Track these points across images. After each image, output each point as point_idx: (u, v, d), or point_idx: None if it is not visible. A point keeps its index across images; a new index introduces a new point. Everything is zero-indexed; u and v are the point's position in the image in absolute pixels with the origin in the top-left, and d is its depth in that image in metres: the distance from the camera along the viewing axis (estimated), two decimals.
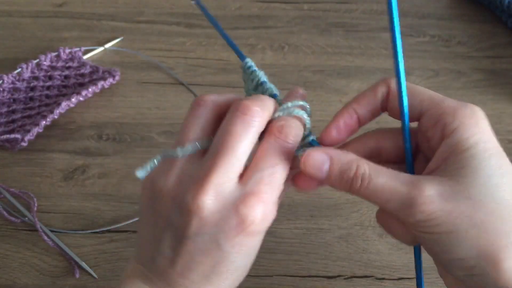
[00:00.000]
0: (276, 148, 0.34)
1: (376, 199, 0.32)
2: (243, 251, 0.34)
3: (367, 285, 0.52)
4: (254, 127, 0.34)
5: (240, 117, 0.33)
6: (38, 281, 0.51)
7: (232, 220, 0.32)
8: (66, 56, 0.73)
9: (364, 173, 0.32)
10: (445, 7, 0.88)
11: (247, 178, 0.33)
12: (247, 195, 0.33)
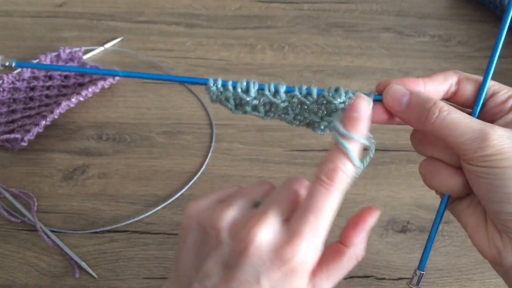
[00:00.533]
0: (323, 194, 0.34)
1: (450, 131, 0.35)
2: None
3: (367, 285, 0.52)
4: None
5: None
6: (38, 281, 0.51)
7: (274, 257, 0.33)
8: (66, 56, 0.73)
9: (442, 106, 0.36)
10: (445, 7, 0.88)
11: (293, 219, 0.34)
12: (292, 235, 0.33)
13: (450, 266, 0.53)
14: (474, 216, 0.38)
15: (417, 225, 0.57)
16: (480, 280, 0.52)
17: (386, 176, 0.61)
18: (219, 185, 0.60)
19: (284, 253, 0.33)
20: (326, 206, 0.34)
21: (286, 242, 0.33)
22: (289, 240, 0.33)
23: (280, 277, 0.33)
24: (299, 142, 0.65)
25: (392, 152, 0.64)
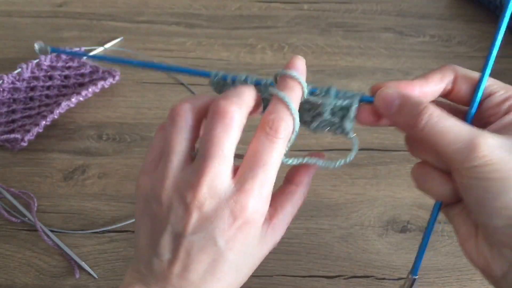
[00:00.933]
0: (266, 146, 0.35)
1: (438, 139, 0.34)
2: (237, 248, 0.35)
3: (367, 285, 0.52)
4: (234, 127, 0.35)
5: (219, 120, 0.35)
6: (38, 281, 0.51)
7: (225, 215, 0.34)
8: (66, 56, 0.73)
9: (432, 112, 0.34)
10: (445, 7, 0.88)
11: (240, 176, 0.35)
12: (239, 193, 0.34)
13: (450, 266, 0.53)
14: (465, 225, 0.37)
15: (417, 225, 0.57)
16: (480, 280, 0.52)
17: (386, 176, 0.61)
18: None
19: (235, 211, 0.34)
20: (272, 158, 0.35)
21: (236, 200, 0.34)
22: (239, 197, 0.34)
23: (235, 231, 0.34)
24: (299, 142, 0.65)
25: (392, 152, 0.64)
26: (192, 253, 0.34)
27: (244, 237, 0.35)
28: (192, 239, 0.34)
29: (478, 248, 0.36)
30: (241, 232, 0.35)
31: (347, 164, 0.39)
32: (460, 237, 0.38)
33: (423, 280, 0.52)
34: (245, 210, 0.34)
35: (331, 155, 0.64)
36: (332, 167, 0.39)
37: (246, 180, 0.34)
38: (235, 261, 0.36)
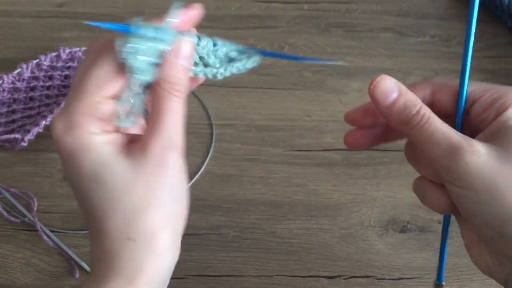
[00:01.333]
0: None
1: (426, 139, 0.33)
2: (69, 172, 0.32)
3: (367, 285, 0.52)
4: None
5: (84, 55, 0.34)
6: (38, 281, 0.51)
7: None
8: (66, 56, 0.73)
9: (425, 113, 0.34)
10: (445, 7, 0.88)
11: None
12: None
13: (450, 266, 0.53)
14: (469, 232, 0.37)
15: (417, 225, 0.57)
16: (481, 280, 0.52)
17: (386, 176, 0.61)
18: (219, 185, 0.60)
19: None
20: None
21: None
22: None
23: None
24: (299, 142, 0.65)
25: (392, 152, 0.64)
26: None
27: (64, 164, 0.34)
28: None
29: (481, 255, 0.35)
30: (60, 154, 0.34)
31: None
32: (465, 244, 0.37)
33: (423, 280, 0.52)
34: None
35: (331, 155, 0.64)
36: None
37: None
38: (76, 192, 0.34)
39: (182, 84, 0.33)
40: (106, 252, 0.32)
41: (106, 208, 0.31)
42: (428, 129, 0.33)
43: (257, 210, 0.58)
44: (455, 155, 0.32)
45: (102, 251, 0.32)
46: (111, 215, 0.31)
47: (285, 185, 0.60)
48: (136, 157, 0.32)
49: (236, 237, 0.56)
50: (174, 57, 0.33)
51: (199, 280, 0.52)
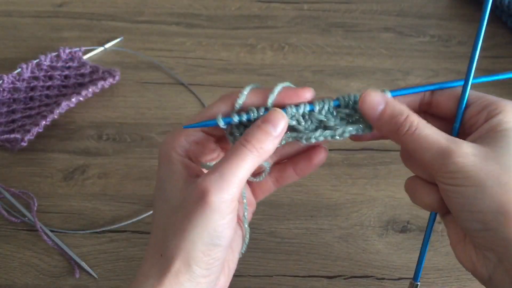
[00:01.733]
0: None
1: (417, 146, 0.36)
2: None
3: (367, 285, 0.52)
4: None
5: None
6: (38, 281, 0.51)
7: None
8: (66, 56, 0.73)
9: (413, 121, 0.36)
10: (445, 7, 0.88)
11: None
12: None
13: (450, 266, 0.53)
14: (455, 230, 0.39)
15: (417, 225, 0.57)
16: None
17: (386, 176, 0.61)
18: None
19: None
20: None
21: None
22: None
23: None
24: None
25: (392, 152, 0.64)
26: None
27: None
28: None
29: (466, 252, 0.38)
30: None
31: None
32: (451, 242, 0.40)
33: (423, 280, 0.52)
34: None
35: (331, 155, 0.64)
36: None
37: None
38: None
39: (263, 145, 0.36)
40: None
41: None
42: (418, 136, 0.36)
43: (257, 210, 0.58)
44: (445, 157, 0.35)
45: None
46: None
47: (285, 185, 0.60)
48: (190, 187, 0.36)
49: None
50: (262, 122, 0.36)
51: None
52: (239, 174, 0.35)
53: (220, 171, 0.34)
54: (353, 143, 0.65)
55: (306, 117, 0.39)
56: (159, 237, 0.36)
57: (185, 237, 0.34)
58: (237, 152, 0.35)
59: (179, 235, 0.35)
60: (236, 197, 0.35)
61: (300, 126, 0.39)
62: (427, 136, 0.36)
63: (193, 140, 0.39)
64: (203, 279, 0.36)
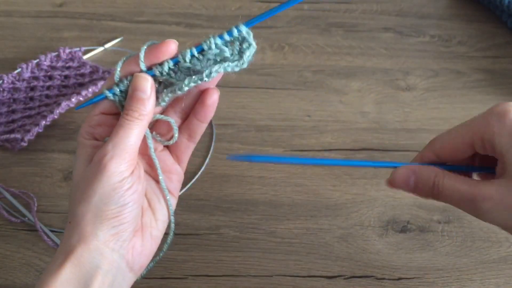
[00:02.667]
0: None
1: (449, 199, 0.40)
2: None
3: (367, 285, 0.52)
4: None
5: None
6: None
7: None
8: (66, 56, 0.73)
9: (439, 183, 0.40)
10: (445, 7, 0.88)
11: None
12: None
13: (450, 266, 0.53)
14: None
15: (417, 225, 0.57)
16: (480, 280, 0.52)
17: (386, 176, 0.61)
18: (219, 185, 0.60)
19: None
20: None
21: None
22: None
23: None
24: (299, 142, 0.65)
25: (392, 152, 0.64)
26: None
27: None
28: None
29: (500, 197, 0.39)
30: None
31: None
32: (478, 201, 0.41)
33: (423, 280, 0.52)
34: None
35: (331, 155, 0.64)
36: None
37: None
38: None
39: (139, 111, 0.39)
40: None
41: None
42: (446, 193, 0.40)
43: (257, 210, 0.58)
44: (473, 206, 0.38)
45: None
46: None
47: (285, 185, 0.60)
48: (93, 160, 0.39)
49: (236, 237, 0.56)
50: (131, 91, 0.40)
51: (199, 280, 0.52)
52: (128, 140, 0.39)
53: (112, 141, 0.38)
54: (353, 143, 0.65)
55: (175, 69, 0.41)
56: (69, 209, 0.40)
57: (87, 201, 0.38)
58: (121, 123, 0.39)
59: (83, 201, 0.38)
60: (131, 161, 0.39)
61: (172, 79, 0.40)
62: (453, 190, 0.39)
63: (96, 123, 0.42)
64: (111, 238, 0.38)
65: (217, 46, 0.44)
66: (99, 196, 0.37)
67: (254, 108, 0.69)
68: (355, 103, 0.70)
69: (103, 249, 0.38)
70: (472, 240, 0.55)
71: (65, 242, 0.38)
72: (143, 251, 0.41)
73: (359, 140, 0.66)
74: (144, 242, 0.41)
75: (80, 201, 0.38)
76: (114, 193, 0.38)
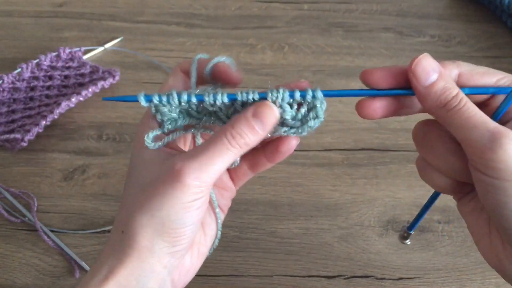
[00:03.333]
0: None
1: (465, 123, 0.33)
2: None
3: (367, 285, 0.52)
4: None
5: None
6: (38, 281, 0.51)
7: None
8: (66, 56, 0.73)
9: (463, 97, 0.33)
10: (445, 7, 0.88)
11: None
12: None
13: (450, 266, 0.53)
14: (478, 224, 0.36)
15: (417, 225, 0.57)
16: (480, 280, 0.52)
17: (386, 176, 0.61)
18: None
19: None
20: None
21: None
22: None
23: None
24: (299, 142, 0.65)
25: (392, 152, 0.64)
26: None
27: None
28: None
29: (492, 247, 0.35)
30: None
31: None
32: (474, 237, 0.37)
33: (423, 280, 0.52)
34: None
35: (331, 155, 0.64)
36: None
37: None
38: None
39: (247, 141, 0.34)
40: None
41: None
42: (466, 112, 0.33)
43: (257, 210, 0.58)
44: (494, 140, 0.31)
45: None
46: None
47: (285, 185, 0.60)
48: (161, 164, 0.35)
49: (236, 237, 0.56)
50: (251, 116, 0.34)
51: (199, 280, 0.52)
52: (219, 167, 0.34)
53: (200, 161, 0.33)
54: (353, 142, 0.65)
55: (228, 105, 0.36)
56: (123, 216, 0.35)
57: (151, 214, 0.34)
58: (218, 143, 0.34)
59: (145, 211, 0.34)
60: (211, 184, 0.35)
61: (219, 113, 0.36)
62: (477, 114, 0.33)
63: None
64: (166, 256, 0.35)
65: (283, 100, 0.36)
66: (166, 212, 0.33)
67: None
68: (355, 103, 0.70)
69: (156, 266, 0.35)
70: (472, 240, 0.55)
71: (112, 252, 0.35)
72: (190, 269, 0.38)
73: (359, 140, 0.65)
74: (193, 259, 0.38)
75: (142, 211, 0.34)
76: (184, 212, 0.34)
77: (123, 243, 0.34)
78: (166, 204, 0.33)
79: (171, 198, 0.33)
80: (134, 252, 0.34)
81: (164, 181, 0.34)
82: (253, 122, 0.34)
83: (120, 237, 0.35)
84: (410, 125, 0.68)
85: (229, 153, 0.34)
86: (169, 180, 0.33)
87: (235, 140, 0.34)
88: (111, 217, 0.57)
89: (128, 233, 0.34)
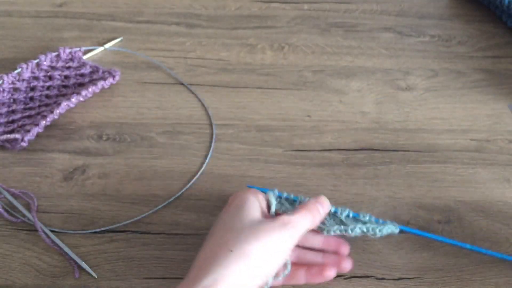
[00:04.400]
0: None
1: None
2: None
3: (367, 285, 0.52)
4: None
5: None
6: (38, 281, 0.51)
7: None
8: (66, 56, 0.73)
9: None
10: (445, 7, 0.88)
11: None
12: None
13: (450, 266, 0.53)
14: None
15: (417, 225, 0.57)
16: (480, 280, 0.52)
17: (386, 176, 0.61)
18: (219, 185, 0.60)
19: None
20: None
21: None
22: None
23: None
24: (299, 142, 0.65)
25: (392, 152, 0.64)
26: None
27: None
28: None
29: None
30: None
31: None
32: None
33: (423, 280, 0.52)
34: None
35: (331, 155, 0.64)
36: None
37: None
38: None
39: (320, 218, 0.49)
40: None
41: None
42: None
43: None
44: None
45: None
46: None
47: (285, 185, 0.60)
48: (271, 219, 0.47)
49: None
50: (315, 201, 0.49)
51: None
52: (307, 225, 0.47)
53: (302, 227, 0.47)
54: (353, 143, 0.65)
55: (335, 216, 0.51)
56: (229, 238, 0.44)
57: (264, 243, 0.44)
58: (312, 209, 0.48)
59: (258, 240, 0.44)
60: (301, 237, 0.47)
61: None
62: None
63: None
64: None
65: (369, 222, 0.51)
66: (273, 253, 0.44)
67: (254, 108, 0.69)
68: (355, 103, 0.70)
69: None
70: (472, 240, 0.55)
71: (218, 264, 0.42)
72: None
73: (359, 140, 0.66)
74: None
75: (256, 239, 0.43)
76: (284, 253, 0.45)
77: (230, 258, 0.43)
78: (276, 241, 0.44)
79: (283, 240, 0.44)
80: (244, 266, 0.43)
81: (275, 225, 0.44)
82: (316, 203, 0.49)
83: (226, 254, 0.43)
84: (410, 125, 0.68)
85: (317, 215, 0.48)
86: (280, 226, 0.44)
87: (322, 206, 0.49)
88: (111, 217, 0.57)
89: (238, 251, 0.43)
